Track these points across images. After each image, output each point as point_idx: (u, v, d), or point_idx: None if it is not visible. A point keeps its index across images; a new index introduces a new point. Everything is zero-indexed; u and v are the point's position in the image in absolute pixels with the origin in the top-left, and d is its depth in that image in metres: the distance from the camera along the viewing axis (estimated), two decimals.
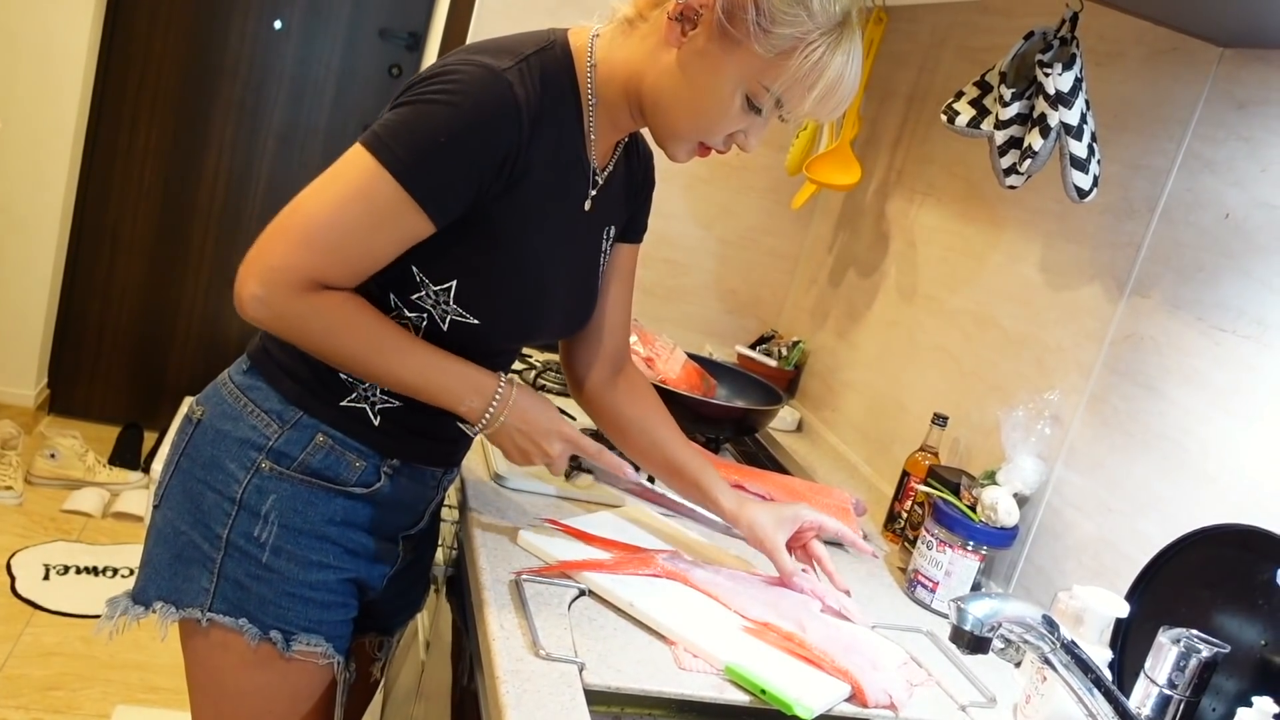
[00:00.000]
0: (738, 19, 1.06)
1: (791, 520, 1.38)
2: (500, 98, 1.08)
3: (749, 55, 1.08)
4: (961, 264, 1.98)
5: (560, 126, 1.16)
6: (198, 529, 1.19)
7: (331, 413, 1.20)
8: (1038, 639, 1.04)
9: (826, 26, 1.07)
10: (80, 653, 2.45)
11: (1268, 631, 1.11)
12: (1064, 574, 1.52)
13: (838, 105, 1.13)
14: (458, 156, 1.07)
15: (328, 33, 3.39)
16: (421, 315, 1.18)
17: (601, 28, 1.20)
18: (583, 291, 1.31)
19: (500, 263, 1.16)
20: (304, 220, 1.08)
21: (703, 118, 1.13)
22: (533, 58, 1.13)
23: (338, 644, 1.25)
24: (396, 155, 1.06)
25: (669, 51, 1.12)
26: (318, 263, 1.08)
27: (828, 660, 1.18)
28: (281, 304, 1.08)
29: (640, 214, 1.40)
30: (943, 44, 2.21)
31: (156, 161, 3.39)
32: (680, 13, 1.09)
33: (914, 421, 2.02)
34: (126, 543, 2.97)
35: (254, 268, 1.08)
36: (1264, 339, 1.29)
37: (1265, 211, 1.32)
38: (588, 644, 1.13)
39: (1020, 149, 1.56)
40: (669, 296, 2.75)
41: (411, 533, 1.34)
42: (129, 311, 3.51)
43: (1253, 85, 1.38)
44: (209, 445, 1.20)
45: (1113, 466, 1.49)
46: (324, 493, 1.21)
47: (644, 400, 1.45)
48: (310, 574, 1.21)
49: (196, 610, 1.19)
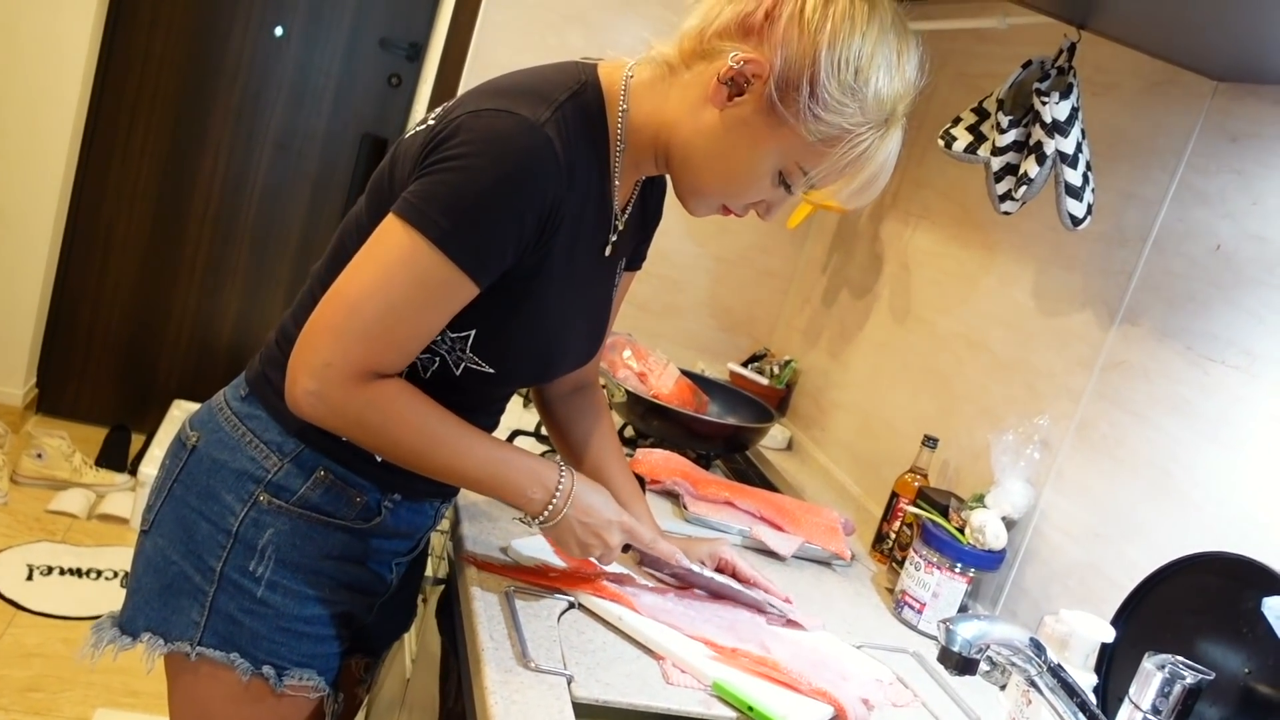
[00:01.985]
0: (789, 98, 1.02)
1: (711, 555, 1.38)
2: (541, 155, 1.02)
3: (793, 135, 1.04)
4: (954, 287, 2.00)
5: (589, 176, 1.12)
6: (190, 560, 1.16)
7: (334, 447, 1.16)
8: (1024, 662, 1.04)
9: (876, 121, 1.04)
10: (61, 655, 2.43)
11: (1252, 659, 1.12)
12: (1050, 598, 1.53)
13: (870, 195, 1.11)
14: (503, 219, 1.02)
15: (328, 41, 3.40)
16: (433, 358, 1.14)
17: (635, 66, 1.14)
18: (595, 331, 1.29)
19: (522, 315, 1.13)
20: (350, 309, 1.03)
21: (732, 184, 1.10)
22: (567, 105, 1.07)
23: (328, 676, 1.23)
24: (441, 228, 1.00)
25: (710, 111, 1.07)
26: (370, 351, 1.03)
27: (804, 681, 1.17)
28: (338, 399, 1.04)
29: (645, 244, 1.38)
30: (941, 70, 2.23)
31: (153, 164, 3.39)
32: (731, 77, 1.04)
33: (904, 443, 2.02)
34: (111, 545, 2.96)
35: (305, 365, 1.03)
36: (1252, 370, 1.30)
37: (1256, 244, 1.34)
38: (576, 657, 1.13)
39: (1016, 175, 1.58)
40: (664, 312, 2.76)
41: (404, 559, 1.33)
42: (120, 313, 3.50)
43: (1245, 119, 1.40)
44: (205, 474, 1.17)
45: (1100, 492, 1.50)
46: (323, 527, 1.18)
47: (597, 423, 1.42)
48: (306, 609, 1.19)
49: (185, 644, 1.16)
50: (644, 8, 2.59)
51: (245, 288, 3.55)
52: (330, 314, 1.03)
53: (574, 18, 2.56)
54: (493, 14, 2.55)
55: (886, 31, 1.03)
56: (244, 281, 3.55)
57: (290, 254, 3.53)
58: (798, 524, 1.68)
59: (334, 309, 1.03)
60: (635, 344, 2.04)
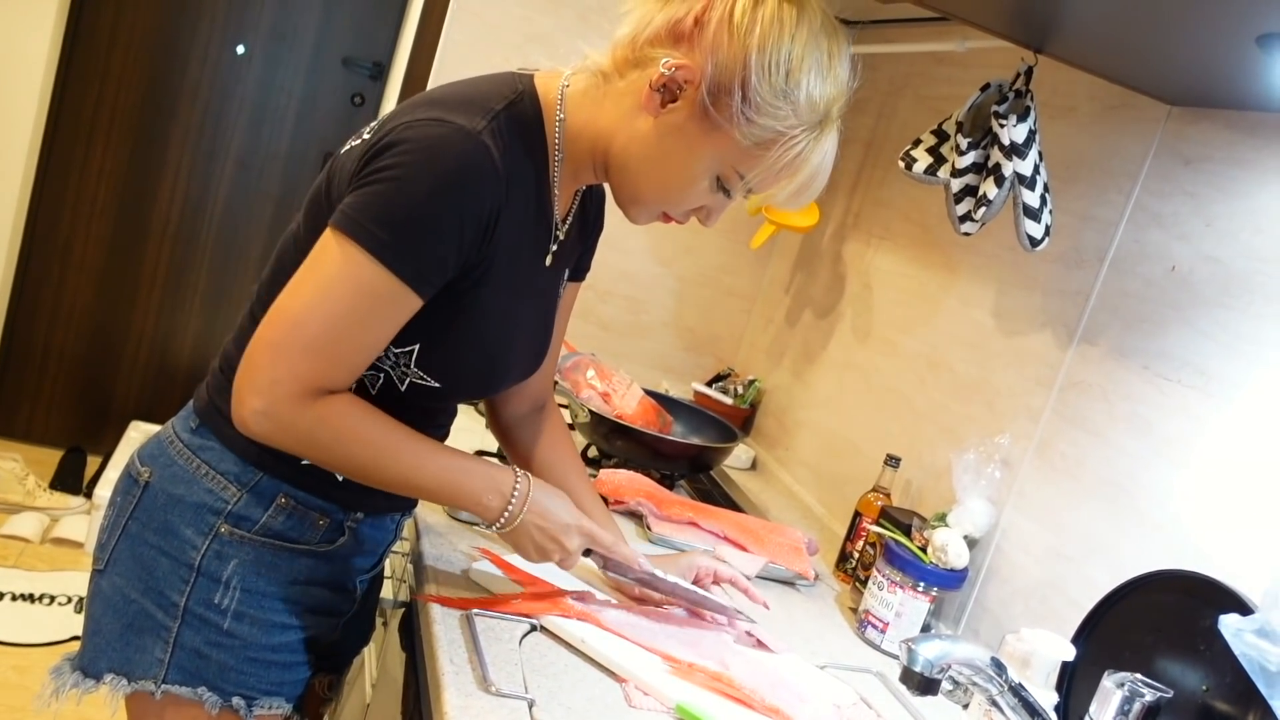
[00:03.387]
0: (722, 103, 1.03)
1: (688, 569, 1.38)
2: (478, 163, 1.02)
3: (727, 140, 1.05)
4: (916, 307, 2.01)
5: (527, 185, 1.12)
6: (150, 596, 1.14)
7: (293, 472, 1.15)
8: (986, 681, 1.05)
9: (810, 123, 1.05)
10: (14, 682, 2.38)
11: (1209, 677, 1.13)
12: (1012, 617, 1.54)
13: (808, 197, 1.12)
14: (440, 228, 1.01)
15: (291, 60, 3.38)
16: (378, 375, 1.13)
17: (571, 75, 1.14)
18: (539, 341, 1.28)
19: (465, 326, 1.12)
20: (293, 325, 1.01)
21: (669, 191, 1.11)
22: (503, 114, 1.07)
23: (296, 701, 1.22)
24: (379, 239, 0.99)
25: (644, 119, 1.07)
26: (316, 366, 1.02)
27: (757, 698, 1.17)
28: (287, 416, 1.02)
29: (588, 254, 1.37)
30: (900, 92, 2.26)
31: (111, 182, 3.35)
32: (663, 84, 1.04)
33: (867, 462, 2.03)
34: (65, 569, 2.90)
35: (251, 384, 1.02)
36: (1207, 389, 1.32)
37: (1210, 265, 1.36)
38: (538, 680, 1.12)
39: (975, 197, 1.60)
40: (627, 333, 2.76)
41: (368, 575, 1.32)
42: (77, 332, 3.44)
43: (1199, 143, 1.42)
44: (161, 510, 1.15)
45: (1060, 511, 1.51)
46: (287, 553, 1.17)
47: (558, 444, 1.41)
48: (273, 637, 1.17)
49: (150, 682, 1.14)
50: (606, 27, 2.58)
51: (205, 307, 3.51)
52: (273, 331, 1.02)
53: (536, 37, 2.57)
54: (455, 33, 2.55)
55: (816, 34, 1.04)
56: (204, 301, 3.51)
57: (251, 273, 3.49)
58: (762, 544, 1.68)
59: (276, 326, 1.02)
60: (599, 364, 2.04)
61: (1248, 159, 1.35)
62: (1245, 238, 1.32)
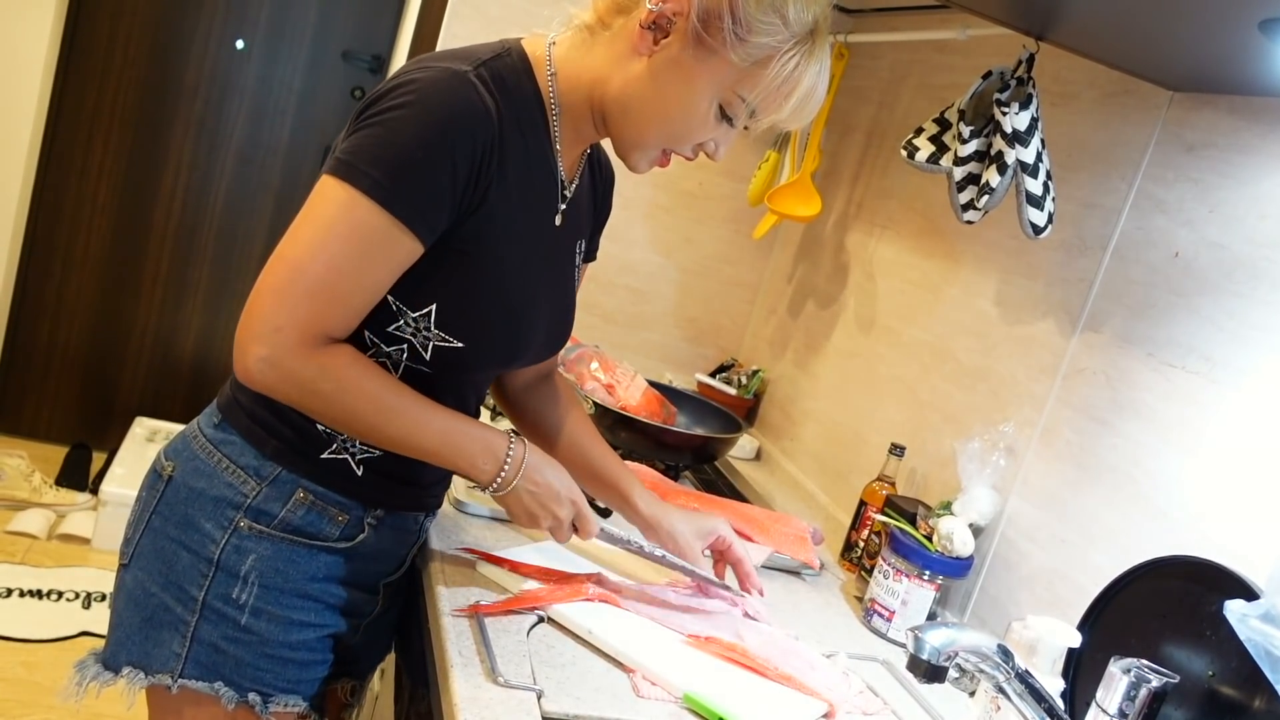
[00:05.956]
0: (713, 28, 1.05)
1: (709, 532, 1.39)
2: (467, 98, 1.05)
3: (724, 64, 1.07)
4: (919, 297, 2.01)
5: (527, 135, 1.14)
6: (170, 591, 1.15)
7: (312, 466, 1.16)
8: (993, 668, 1.05)
9: (800, 35, 1.07)
10: (22, 678, 2.38)
11: (1215, 662, 1.13)
12: (1018, 604, 1.54)
13: (810, 113, 1.14)
14: (435, 166, 1.03)
15: (290, 54, 3.38)
16: (401, 347, 1.13)
17: (557, 35, 1.18)
18: (562, 308, 1.29)
19: (478, 279, 1.13)
20: (292, 269, 1.03)
21: (674, 126, 1.12)
22: (490, 62, 1.11)
23: (314, 700, 1.22)
24: (372, 178, 1.02)
25: (638, 60, 1.10)
26: (317, 310, 1.03)
27: (771, 667, 1.20)
28: (290, 364, 1.03)
29: (597, 233, 1.39)
30: (902, 81, 2.25)
31: (112, 178, 3.35)
32: (653, 21, 1.07)
33: (871, 451, 2.03)
34: (72, 565, 2.91)
35: (253, 331, 1.03)
36: (1212, 375, 1.32)
37: (1213, 251, 1.36)
38: (546, 671, 1.12)
39: (978, 185, 1.59)
40: (630, 324, 2.76)
41: (392, 579, 1.32)
42: (80, 329, 3.45)
43: (1201, 129, 1.42)
44: (182, 504, 1.16)
45: (1065, 498, 1.51)
46: (306, 549, 1.17)
47: (567, 407, 1.42)
48: (291, 634, 1.17)
49: (166, 676, 1.15)
50: None
51: (207, 302, 3.51)
52: (274, 278, 1.03)
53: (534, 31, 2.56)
54: (455, 27, 2.55)
55: None
56: (206, 296, 3.51)
57: (253, 268, 3.49)
58: (767, 533, 1.69)
59: (276, 272, 1.03)
60: (602, 355, 2.04)
61: (1251, 144, 1.34)
62: (1249, 223, 1.32)
